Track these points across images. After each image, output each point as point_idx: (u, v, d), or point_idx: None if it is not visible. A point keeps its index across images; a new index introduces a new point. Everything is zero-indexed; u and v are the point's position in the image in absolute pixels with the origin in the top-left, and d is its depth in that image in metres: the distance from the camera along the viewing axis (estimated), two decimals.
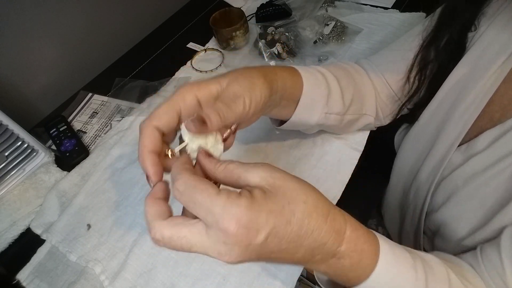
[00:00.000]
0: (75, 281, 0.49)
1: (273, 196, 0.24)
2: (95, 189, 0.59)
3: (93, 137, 0.69)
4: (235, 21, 0.74)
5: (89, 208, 0.57)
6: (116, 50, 0.85)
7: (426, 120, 0.47)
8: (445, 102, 0.44)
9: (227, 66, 0.76)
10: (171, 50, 0.84)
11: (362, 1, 0.83)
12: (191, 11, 0.94)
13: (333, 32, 0.75)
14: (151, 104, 0.71)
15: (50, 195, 0.59)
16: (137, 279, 0.48)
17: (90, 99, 0.76)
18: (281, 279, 0.45)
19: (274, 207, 0.24)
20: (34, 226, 0.56)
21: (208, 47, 0.82)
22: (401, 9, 0.79)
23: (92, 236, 0.54)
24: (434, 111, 0.46)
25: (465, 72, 0.42)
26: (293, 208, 0.24)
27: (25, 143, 0.60)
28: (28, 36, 0.68)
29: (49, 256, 0.53)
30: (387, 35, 0.74)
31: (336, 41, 0.74)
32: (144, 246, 0.51)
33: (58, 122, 0.69)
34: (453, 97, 0.43)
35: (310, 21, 0.77)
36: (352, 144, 0.57)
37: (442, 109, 0.45)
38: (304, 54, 0.73)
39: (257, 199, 0.24)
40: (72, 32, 0.75)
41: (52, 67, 0.75)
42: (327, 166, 0.55)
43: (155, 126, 0.31)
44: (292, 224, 0.24)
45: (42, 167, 0.63)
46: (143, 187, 0.58)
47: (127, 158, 0.63)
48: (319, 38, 0.75)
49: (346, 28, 0.76)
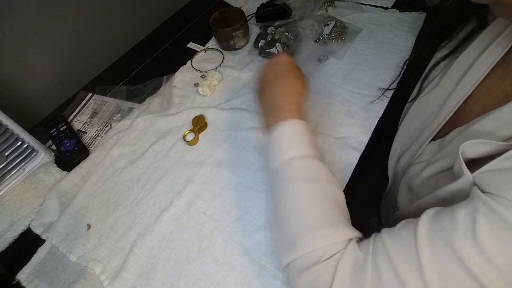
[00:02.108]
0: (75, 281, 0.49)
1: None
2: (95, 189, 0.59)
3: (93, 137, 0.69)
4: (235, 21, 0.74)
5: (89, 208, 0.57)
6: (116, 50, 0.85)
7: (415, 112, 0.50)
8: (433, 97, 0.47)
9: (227, 66, 0.76)
10: (171, 50, 0.84)
11: (362, 1, 0.83)
12: (191, 11, 0.94)
13: (333, 32, 0.75)
14: (151, 104, 0.71)
15: (50, 195, 0.59)
16: (137, 279, 0.48)
17: (90, 99, 0.76)
18: (281, 279, 0.45)
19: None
20: (34, 226, 0.56)
21: (208, 47, 0.82)
22: (401, 9, 0.79)
23: (92, 236, 0.54)
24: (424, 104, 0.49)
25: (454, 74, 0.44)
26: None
27: (25, 143, 0.60)
28: (28, 36, 0.67)
29: (49, 256, 0.53)
30: (387, 35, 0.74)
31: (336, 41, 0.74)
32: (144, 246, 0.51)
33: (58, 122, 0.69)
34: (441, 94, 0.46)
35: (310, 21, 0.77)
36: (353, 144, 0.57)
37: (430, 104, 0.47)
38: (304, 54, 0.73)
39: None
40: (72, 32, 0.75)
41: (52, 67, 0.75)
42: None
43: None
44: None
45: (42, 167, 0.63)
46: (143, 187, 0.58)
47: (127, 158, 0.63)
48: (319, 38, 0.75)
49: (346, 28, 0.76)
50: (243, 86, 0.71)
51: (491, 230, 0.26)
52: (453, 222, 0.29)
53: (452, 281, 0.28)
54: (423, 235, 0.30)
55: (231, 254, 0.48)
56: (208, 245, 0.50)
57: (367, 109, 0.61)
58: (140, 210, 0.55)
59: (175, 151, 0.62)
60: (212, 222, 0.52)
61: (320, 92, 0.66)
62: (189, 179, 0.57)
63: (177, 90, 0.73)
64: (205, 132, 0.64)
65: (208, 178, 0.57)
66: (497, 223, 0.26)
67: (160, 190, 0.57)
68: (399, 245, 0.31)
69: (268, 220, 0.50)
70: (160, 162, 0.61)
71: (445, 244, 0.28)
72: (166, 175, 0.59)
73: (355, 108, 0.62)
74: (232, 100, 0.68)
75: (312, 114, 0.63)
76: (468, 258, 0.27)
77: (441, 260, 0.28)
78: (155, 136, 0.65)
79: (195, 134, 0.63)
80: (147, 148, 0.63)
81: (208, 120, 0.65)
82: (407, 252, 0.30)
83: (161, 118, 0.68)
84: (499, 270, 0.26)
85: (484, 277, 0.26)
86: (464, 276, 0.27)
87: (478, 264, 0.26)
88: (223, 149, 0.60)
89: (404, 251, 0.31)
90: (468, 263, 0.27)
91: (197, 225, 0.52)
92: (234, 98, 0.69)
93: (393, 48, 0.71)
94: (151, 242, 0.51)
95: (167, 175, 0.59)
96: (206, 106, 0.68)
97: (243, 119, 0.64)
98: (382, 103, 0.62)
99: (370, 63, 0.69)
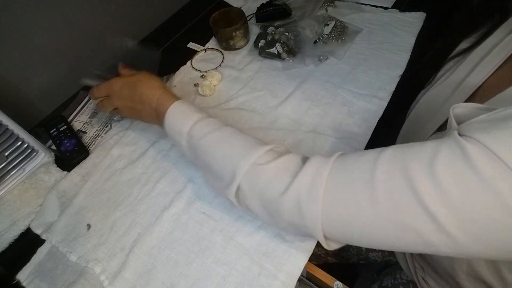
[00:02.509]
0: (75, 281, 0.49)
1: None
2: (95, 189, 0.59)
3: (93, 137, 0.69)
4: (235, 21, 0.74)
5: (89, 208, 0.57)
6: (116, 50, 0.84)
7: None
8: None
9: (227, 66, 0.76)
10: (171, 50, 0.84)
11: (362, 1, 0.83)
12: (191, 11, 0.94)
13: (333, 32, 0.75)
14: None
15: (50, 195, 0.59)
16: (137, 279, 0.48)
17: (90, 99, 0.76)
18: (281, 279, 0.45)
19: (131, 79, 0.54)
20: (34, 226, 0.56)
21: (208, 47, 0.82)
22: (401, 9, 0.79)
23: (92, 236, 0.54)
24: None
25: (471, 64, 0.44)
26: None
27: (25, 143, 0.60)
28: (28, 36, 0.67)
29: (49, 256, 0.53)
30: (387, 35, 0.74)
31: (336, 41, 0.74)
32: (144, 246, 0.51)
33: (58, 122, 0.69)
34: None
35: (310, 21, 0.77)
36: (353, 144, 0.57)
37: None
38: (304, 54, 0.73)
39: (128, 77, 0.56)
40: (72, 32, 0.75)
41: (52, 67, 0.75)
42: None
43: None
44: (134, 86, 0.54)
45: (42, 167, 0.63)
46: (143, 187, 0.58)
47: (127, 158, 0.63)
48: (319, 38, 0.75)
49: (346, 28, 0.76)
50: (243, 86, 0.71)
51: (450, 160, 0.26)
52: (417, 148, 0.29)
53: (399, 202, 0.28)
54: (386, 156, 0.31)
55: (231, 254, 0.48)
56: (208, 245, 0.50)
57: (367, 109, 0.61)
58: (140, 210, 0.55)
59: (175, 151, 0.62)
60: (212, 222, 0.52)
61: (320, 92, 0.66)
62: (189, 179, 0.57)
63: (177, 90, 0.73)
64: None
65: None
66: (458, 156, 0.26)
67: (160, 190, 0.57)
68: (360, 163, 0.32)
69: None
70: (160, 162, 0.61)
71: (402, 166, 0.29)
72: (166, 175, 0.59)
73: (355, 108, 0.62)
74: (232, 100, 0.68)
75: (312, 114, 0.63)
76: (420, 185, 0.27)
77: (393, 179, 0.29)
78: (155, 136, 0.65)
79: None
80: (147, 148, 0.63)
81: None
82: (366, 168, 0.31)
83: None
84: (449, 200, 0.26)
85: (431, 203, 0.26)
86: (413, 203, 0.27)
87: (429, 191, 0.26)
88: None
89: (363, 167, 0.31)
90: (417, 187, 0.27)
91: (197, 225, 0.52)
92: (234, 98, 0.69)
93: (393, 48, 0.71)
94: (151, 242, 0.51)
95: (167, 175, 0.59)
96: (206, 106, 0.68)
97: (243, 119, 0.64)
98: (382, 103, 0.62)
99: (370, 63, 0.69)
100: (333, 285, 0.52)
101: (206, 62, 0.79)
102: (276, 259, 0.46)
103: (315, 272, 0.53)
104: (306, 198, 0.33)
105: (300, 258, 0.46)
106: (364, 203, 0.30)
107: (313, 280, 0.55)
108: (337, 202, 0.32)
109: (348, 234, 0.33)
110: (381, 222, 0.29)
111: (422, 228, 0.27)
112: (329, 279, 0.52)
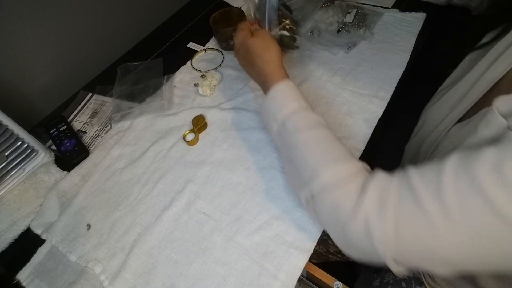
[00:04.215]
0: (75, 281, 0.49)
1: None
2: (95, 189, 0.59)
3: (93, 137, 0.69)
4: (235, 21, 0.74)
5: (89, 208, 0.57)
6: (116, 50, 0.84)
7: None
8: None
9: (227, 66, 0.76)
10: (171, 50, 0.84)
11: (362, 1, 0.83)
12: (191, 11, 0.94)
13: (355, 20, 0.77)
14: (151, 104, 0.71)
15: (50, 195, 0.59)
16: (137, 279, 0.48)
17: (90, 99, 0.76)
18: (281, 279, 0.45)
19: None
20: (34, 226, 0.56)
21: (208, 47, 0.82)
22: (401, 9, 0.79)
23: (92, 236, 0.54)
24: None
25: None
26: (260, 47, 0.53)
27: (25, 143, 0.60)
28: (28, 36, 0.68)
29: (49, 256, 0.53)
30: (387, 35, 0.74)
31: (360, 28, 0.75)
32: (144, 246, 0.51)
33: (58, 122, 0.69)
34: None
35: (329, 13, 0.80)
36: (353, 143, 0.57)
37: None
38: (329, 46, 0.74)
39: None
40: (72, 32, 0.75)
41: (52, 67, 0.75)
42: None
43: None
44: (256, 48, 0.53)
45: (42, 167, 0.63)
46: (143, 187, 0.58)
47: (127, 158, 0.63)
48: (341, 27, 0.76)
49: (368, 14, 0.78)
50: (243, 86, 0.71)
51: None
52: (479, 155, 0.29)
53: (473, 213, 0.28)
54: (449, 169, 0.30)
55: (231, 254, 0.48)
56: (208, 245, 0.50)
57: (367, 109, 0.61)
58: (140, 210, 0.55)
59: (175, 151, 0.62)
60: (212, 222, 0.52)
61: (320, 92, 0.66)
62: (189, 179, 0.57)
63: (177, 90, 0.73)
64: (205, 132, 0.64)
65: (208, 178, 0.57)
66: None
67: (160, 190, 0.57)
68: (424, 178, 0.32)
69: (268, 220, 0.50)
70: (160, 162, 0.61)
71: (468, 175, 0.29)
72: (166, 175, 0.59)
73: (355, 108, 0.62)
74: (232, 100, 0.68)
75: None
76: (489, 189, 0.27)
77: (463, 190, 0.29)
78: (155, 136, 0.65)
79: (195, 134, 0.63)
80: (147, 148, 0.63)
81: (208, 120, 0.65)
82: (431, 182, 0.31)
83: (161, 118, 0.68)
84: None
85: (504, 209, 0.26)
86: (484, 208, 0.27)
87: (499, 196, 0.26)
88: (223, 149, 0.60)
89: (428, 182, 0.31)
90: (489, 194, 0.27)
91: (197, 225, 0.52)
92: (234, 98, 0.69)
93: (393, 48, 0.71)
94: (151, 242, 0.51)
95: (167, 175, 0.59)
96: (206, 106, 0.68)
97: (243, 119, 0.64)
98: (382, 103, 0.62)
99: (370, 63, 0.69)
100: (333, 285, 0.52)
101: (206, 62, 0.79)
102: (276, 259, 0.46)
103: (315, 272, 0.53)
104: (375, 217, 0.33)
105: (300, 258, 0.46)
106: (436, 217, 0.30)
107: (313, 280, 0.55)
108: (407, 218, 0.32)
109: (421, 250, 0.32)
110: (457, 236, 0.29)
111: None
112: (329, 279, 0.52)
